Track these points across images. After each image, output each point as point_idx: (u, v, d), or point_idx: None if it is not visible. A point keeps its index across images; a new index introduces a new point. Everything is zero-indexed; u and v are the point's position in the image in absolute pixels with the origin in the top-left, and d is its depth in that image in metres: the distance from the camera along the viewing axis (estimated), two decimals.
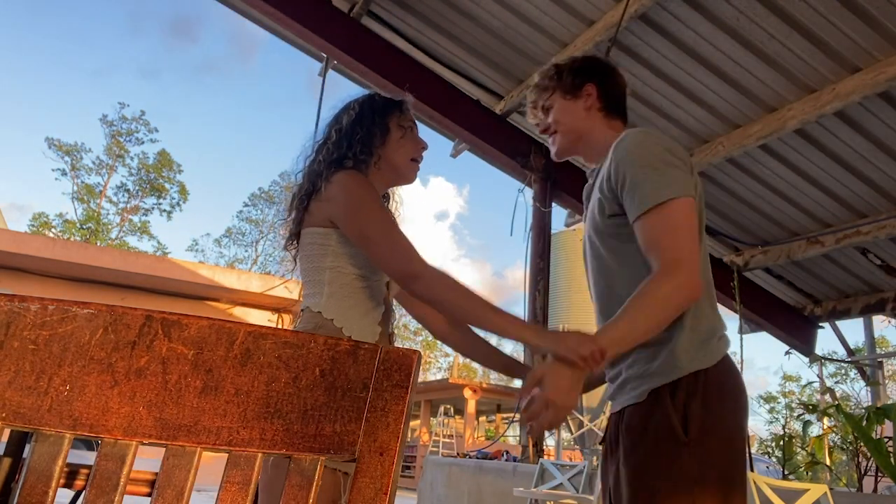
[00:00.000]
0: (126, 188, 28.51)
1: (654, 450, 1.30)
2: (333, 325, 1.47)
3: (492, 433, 23.23)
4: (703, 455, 1.27)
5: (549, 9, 4.58)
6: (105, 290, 10.17)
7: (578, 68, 1.63)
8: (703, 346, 1.35)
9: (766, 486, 2.28)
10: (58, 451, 0.60)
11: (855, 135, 4.58)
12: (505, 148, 5.73)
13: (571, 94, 1.60)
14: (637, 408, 1.36)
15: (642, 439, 1.32)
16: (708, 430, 1.28)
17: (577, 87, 1.60)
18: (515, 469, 4.67)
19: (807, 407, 4.30)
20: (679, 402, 1.30)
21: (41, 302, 0.62)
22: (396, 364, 0.62)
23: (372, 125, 1.63)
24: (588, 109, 1.59)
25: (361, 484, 0.59)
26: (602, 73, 1.63)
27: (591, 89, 1.59)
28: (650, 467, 1.30)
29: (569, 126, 1.60)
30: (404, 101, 1.71)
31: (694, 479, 1.25)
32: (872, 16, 3.76)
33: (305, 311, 1.52)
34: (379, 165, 1.63)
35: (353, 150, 1.60)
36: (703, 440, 1.27)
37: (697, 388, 1.31)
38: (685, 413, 1.29)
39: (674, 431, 1.28)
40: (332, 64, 5.79)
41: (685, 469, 1.26)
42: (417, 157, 1.69)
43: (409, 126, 1.68)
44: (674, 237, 1.33)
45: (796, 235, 5.77)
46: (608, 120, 1.60)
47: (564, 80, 1.62)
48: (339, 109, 1.69)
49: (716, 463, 1.28)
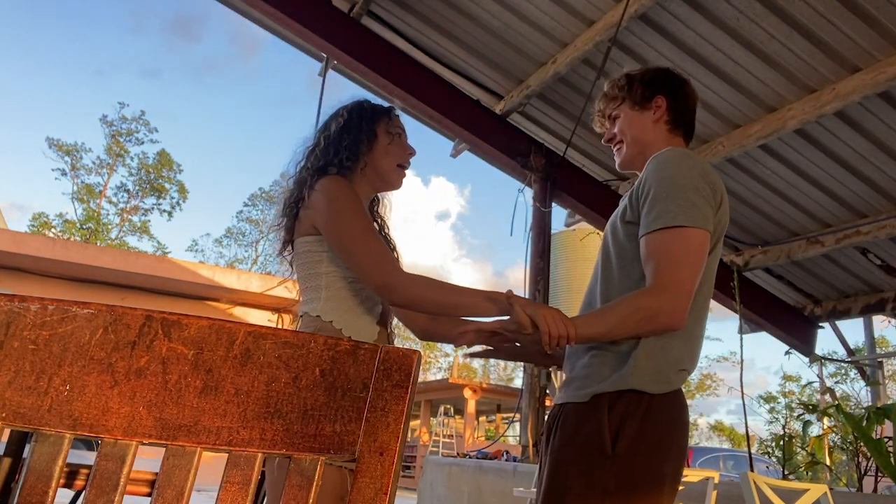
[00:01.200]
0: (126, 188, 28.54)
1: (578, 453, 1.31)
2: (332, 327, 1.49)
3: (492, 433, 23.23)
4: (623, 472, 1.27)
5: (549, 9, 4.58)
6: (105, 290, 10.17)
7: (650, 79, 1.60)
8: (658, 373, 1.34)
9: (766, 486, 2.28)
10: (58, 451, 0.60)
11: (855, 135, 4.58)
12: (505, 148, 5.73)
13: (640, 106, 1.58)
14: (576, 407, 1.37)
15: (571, 440, 1.34)
16: (635, 451, 1.28)
17: (646, 99, 1.57)
18: (515, 469, 4.67)
19: (807, 407, 4.30)
20: (616, 415, 1.30)
21: (41, 302, 0.62)
22: (396, 364, 0.62)
23: (359, 132, 1.64)
24: (656, 122, 1.56)
25: (361, 484, 0.59)
26: (673, 86, 1.60)
27: (661, 101, 1.57)
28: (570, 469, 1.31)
29: (634, 137, 1.58)
30: (393, 108, 1.73)
31: (607, 492, 1.26)
32: (872, 16, 3.76)
33: (304, 317, 1.54)
34: (365, 171, 1.65)
35: (339, 156, 1.61)
36: (628, 458, 1.27)
37: (639, 409, 1.30)
38: (619, 428, 1.29)
39: (602, 442, 1.28)
40: (332, 64, 5.79)
41: (601, 480, 1.27)
42: (404, 164, 1.70)
43: (398, 133, 1.70)
44: (673, 262, 1.31)
45: (796, 235, 5.77)
46: (671, 135, 1.57)
47: (634, 90, 1.59)
48: (329, 116, 1.71)
49: (635, 484, 1.27)
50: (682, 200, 1.33)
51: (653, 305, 1.29)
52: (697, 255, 1.33)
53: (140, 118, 28.02)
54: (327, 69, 5.76)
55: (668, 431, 1.33)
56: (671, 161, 1.41)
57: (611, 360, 1.37)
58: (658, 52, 4.51)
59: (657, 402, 1.32)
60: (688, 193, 1.34)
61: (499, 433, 20.65)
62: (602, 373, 1.36)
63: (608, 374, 1.35)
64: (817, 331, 6.68)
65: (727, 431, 32.39)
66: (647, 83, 1.60)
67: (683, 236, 1.31)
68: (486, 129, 5.64)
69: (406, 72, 5.37)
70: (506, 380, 35.33)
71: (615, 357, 1.37)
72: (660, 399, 1.32)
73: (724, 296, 5.87)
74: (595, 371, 1.38)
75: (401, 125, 1.72)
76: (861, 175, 4.93)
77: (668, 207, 1.33)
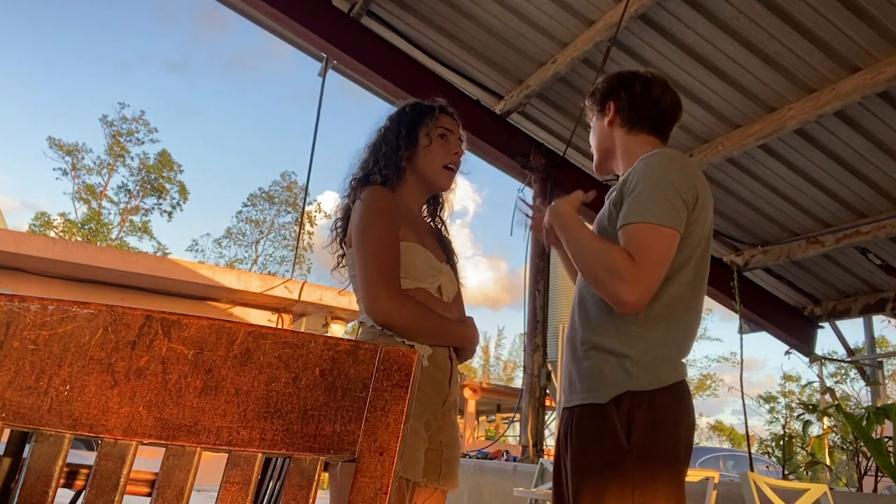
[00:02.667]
0: (127, 188, 28.52)
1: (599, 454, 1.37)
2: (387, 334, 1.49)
3: (492, 433, 23.22)
4: (643, 462, 1.34)
5: (549, 9, 4.58)
6: (105, 290, 10.17)
7: (605, 87, 1.68)
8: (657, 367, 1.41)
9: (766, 486, 2.28)
10: (58, 451, 0.60)
11: (855, 135, 4.58)
12: (505, 148, 5.73)
13: (600, 113, 1.67)
14: (586, 410, 1.42)
15: (589, 443, 1.39)
16: (650, 440, 1.35)
17: (602, 106, 1.66)
18: (515, 469, 4.67)
19: (807, 407, 4.30)
20: (623, 411, 1.37)
21: (41, 302, 0.62)
22: (396, 364, 0.62)
23: (397, 138, 1.65)
24: (611, 126, 1.64)
25: (361, 484, 0.59)
26: (622, 87, 1.65)
27: (611, 105, 1.64)
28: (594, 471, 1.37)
29: (595, 144, 1.68)
30: (435, 108, 1.71)
31: (635, 485, 1.32)
32: (872, 16, 3.76)
33: (363, 326, 1.55)
34: (410, 177, 1.65)
35: (378, 164, 1.63)
36: (644, 448, 1.34)
37: (643, 401, 1.37)
38: (629, 422, 1.36)
39: (618, 438, 1.35)
40: (332, 64, 5.79)
41: (626, 474, 1.33)
42: (450, 164, 1.68)
43: (441, 133, 1.68)
44: (644, 254, 1.37)
45: (796, 235, 5.77)
46: (633, 134, 1.62)
47: (596, 100, 1.68)
48: (378, 125, 1.72)
49: (656, 470, 1.35)
50: (662, 199, 1.40)
51: (621, 274, 1.36)
52: (666, 252, 1.40)
53: (140, 118, 28.03)
54: (327, 69, 5.76)
55: (675, 416, 1.41)
56: (658, 161, 1.48)
57: (610, 359, 1.42)
58: (658, 52, 4.51)
59: (661, 391, 1.39)
60: (667, 194, 1.41)
61: (499, 433, 20.65)
62: (604, 372, 1.42)
63: (610, 373, 1.41)
64: (817, 331, 6.68)
65: (727, 431, 32.39)
66: (602, 92, 1.68)
67: (656, 233, 1.39)
68: (486, 129, 5.64)
69: (406, 72, 5.36)
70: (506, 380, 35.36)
71: (614, 356, 1.42)
72: (661, 392, 1.40)
73: (724, 296, 5.87)
74: (596, 373, 1.43)
75: (447, 124, 1.70)
76: (861, 175, 4.93)
77: (646, 204, 1.41)
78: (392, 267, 1.47)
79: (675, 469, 1.38)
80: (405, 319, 1.45)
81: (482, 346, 34.94)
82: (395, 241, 1.51)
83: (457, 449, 1.57)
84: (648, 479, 1.33)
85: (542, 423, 5.38)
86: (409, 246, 1.53)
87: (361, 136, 1.73)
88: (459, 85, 5.64)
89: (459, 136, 1.73)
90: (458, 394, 1.59)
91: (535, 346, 5.39)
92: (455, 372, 1.57)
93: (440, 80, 5.54)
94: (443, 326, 1.52)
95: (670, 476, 1.36)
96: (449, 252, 1.73)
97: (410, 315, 1.46)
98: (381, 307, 1.43)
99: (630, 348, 1.40)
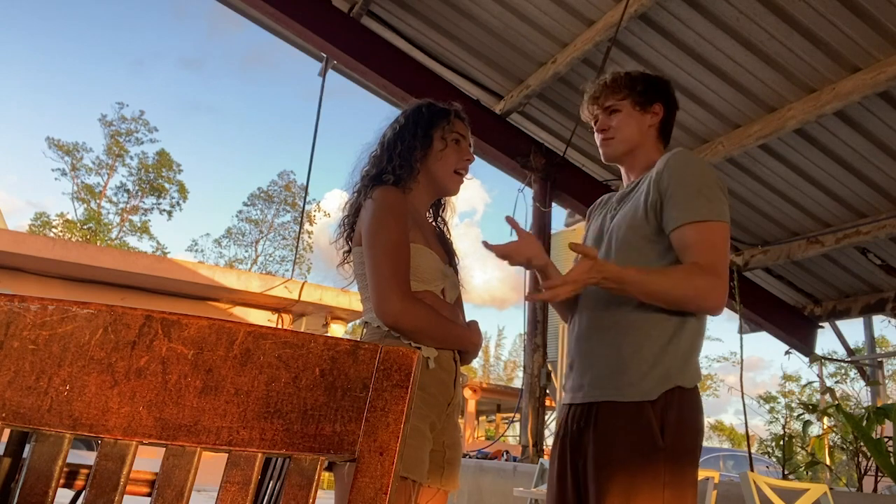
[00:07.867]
0: (126, 188, 28.51)
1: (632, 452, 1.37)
2: (393, 335, 1.48)
3: (492, 433, 23.22)
4: (673, 461, 1.35)
5: (548, 9, 4.58)
6: (105, 290, 10.16)
7: (653, 85, 1.68)
8: (692, 367, 1.44)
9: (766, 486, 2.28)
10: (58, 451, 0.60)
11: (855, 135, 4.58)
12: (505, 148, 5.73)
13: (641, 108, 1.65)
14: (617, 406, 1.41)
15: (622, 440, 1.38)
16: (680, 439, 1.37)
17: (647, 102, 1.65)
18: (515, 469, 4.67)
19: (807, 407, 4.30)
20: (658, 408, 1.38)
21: (41, 302, 0.62)
22: (396, 364, 0.62)
23: (413, 138, 1.62)
24: (649, 127, 1.65)
25: (361, 484, 0.59)
26: (670, 96, 1.69)
27: (659, 109, 1.65)
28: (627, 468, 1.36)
29: (627, 136, 1.64)
30: (451, 112, 1.69)
31: (665, 484, 1.34)
32: (872, 16, 3.76)
33: (367, 326, 1.54)
34: (421, 178, 1.63)
35: (392, 164, 1.60)
36: (675, 447, 1.36)
37: (673, 399, 1.39)
38: (663, 420, 1.37)
39: (654, 436, 1.35)
40: (332, 64, 5.79)
41: (659, 473, 1.34)
42: (461, 170, 1.67)
43: (455, 138, 1.66)
44: (714, 252, 1.40)
45: (796, 235, 5.77)
46: (657, 141, 1.66)
47: (638, 91, 1.66)
48: (391, 121, 1.69)
49: (683, 469, 1.37)
50: (712, 196, 1.45)
51: (706, 284, 1.38)
52: (727, 245, 1.45)
53: (139, 118, 28.02)
54: (327, 69, 5.76)
55: (698, 417, 1.44)
56: (688, 161, 1.50)
57: (644, 356, 1.42)
58: (658, 52, 4.51)
59: (689, 391, 1.42)
60: (714, 191, 1.46)
61: (499, 433, 20.65)
62: (641, 370, 1.41)
63: (648, 370, 1.41)
64: (817, 331, 6.68)
65: (727, 431, 32.39)
66: (649, 88, 1.67)
67: (718, 229, 1.43)
68: (486, 129, 5.63)
69: (406, 72, 5.36)
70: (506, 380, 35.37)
71: (648, 354, 1.42)
72: (690, 391, 1.43)
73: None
74: (630, 368, 1.42)
75: (461, 129, 1.69)
76: (861, 175, 4.93)
77: (700, 203, 1.43)
78: (403, 269, 1.46)
79: (696, 469, 1.41)
80: (414, 322, 1.44)
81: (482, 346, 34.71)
82: (407, 243, 1.50)
83: (459, 450, 1.56)
84: (678, 478, 1.35)
85: (542, 423, 5.37)
86: (418, 248, 1.53)
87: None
88: (459, 85, 5.64)
89: (470, 141, 1.72)
90: (461, 396, 1.59)
91: (535, 346, 5.39)
92: (459, 374, 1.57)
93: (440, 80, 5.54)
94: (449, 331, 1.51)
95: (693, 476, 1.39)
96: (451, 254, 1.72)
97: (420, 318, 1.45)
98: (391, 309, 1.42)
99: (668, 344, 1.43)
